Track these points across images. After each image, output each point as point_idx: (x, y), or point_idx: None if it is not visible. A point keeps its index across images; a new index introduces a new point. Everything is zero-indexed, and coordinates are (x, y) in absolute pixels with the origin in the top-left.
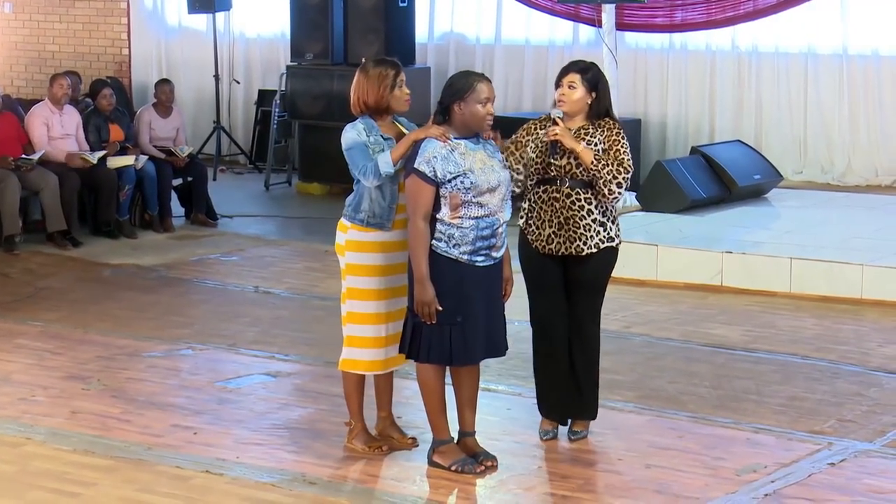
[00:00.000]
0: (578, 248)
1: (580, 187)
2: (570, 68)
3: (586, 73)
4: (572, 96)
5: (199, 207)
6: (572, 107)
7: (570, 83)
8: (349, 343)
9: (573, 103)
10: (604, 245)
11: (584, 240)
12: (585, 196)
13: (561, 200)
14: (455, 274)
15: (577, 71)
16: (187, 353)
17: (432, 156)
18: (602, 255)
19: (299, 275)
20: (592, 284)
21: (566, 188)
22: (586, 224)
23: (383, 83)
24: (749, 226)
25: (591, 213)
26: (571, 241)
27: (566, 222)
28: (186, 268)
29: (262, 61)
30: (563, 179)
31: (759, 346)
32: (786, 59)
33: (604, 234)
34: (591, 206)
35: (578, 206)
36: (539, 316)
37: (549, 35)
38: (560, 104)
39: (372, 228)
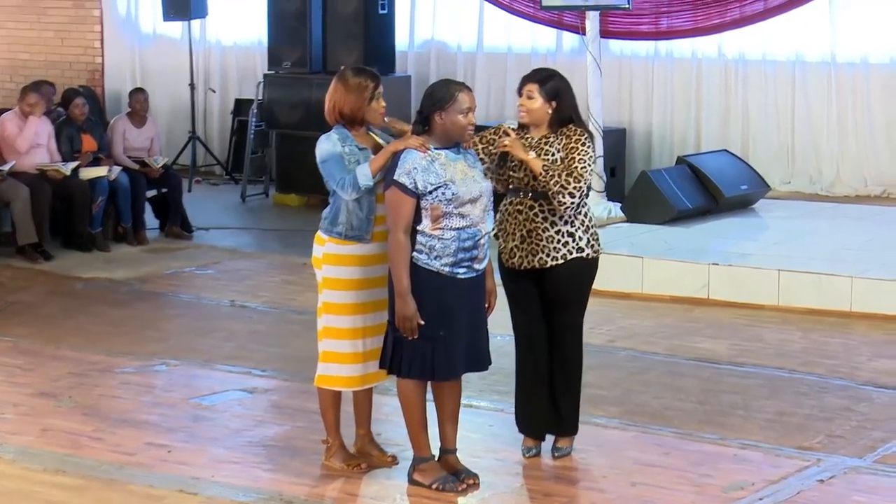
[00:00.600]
0: (542, 261)
1: (543, 198)
2: (529, 78)
3: (545, 84)
4: (530, 106)
5: (173, 219)
6: (532, 117)
7: (528, 93)
8: (325, 358)
9: (532, 113)
10: (572, 256)
11: (548, 252)
12: (549, 207)
13: (524, 213)
14: (436, 286)
15: (535, 81)
16: (161, 369)
17: (412, 167)
18: (571, 267)
19: (276, 288)
20: (565, 298)
21: (528, 199)
22: (549, 236)
23: (362, 95)
24: (736, 237)
25: (555, 224)
26: (534, 253)
27: (528, 235)
28: (161, 281)
29: (238, 70)
30: (526, 191)
31: (747, 360)
32: (773, 67)
33: (572, 245)
34: (554, 218)
35: (542, 218)
36: (519, 329)
37: (532, 42)
38: (520, 114)
39: (350, 241)
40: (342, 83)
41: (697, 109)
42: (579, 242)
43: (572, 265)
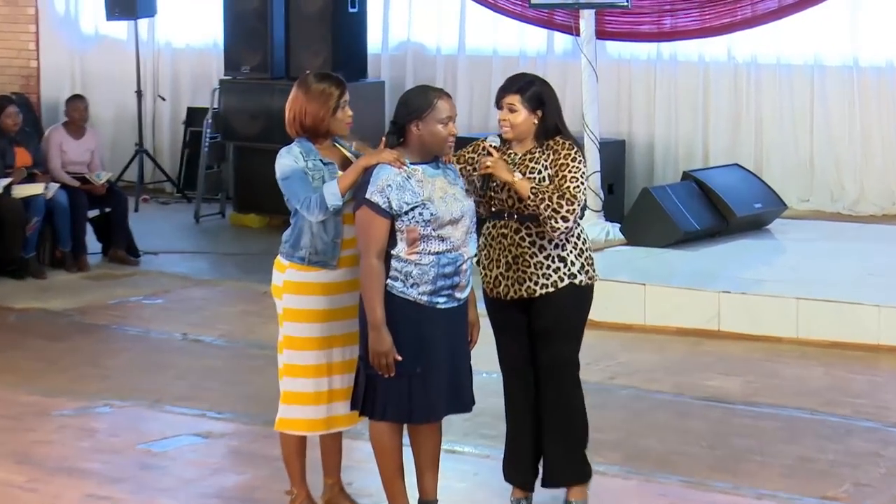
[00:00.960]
0: (529, 290)
1: (530, 220)
2: (508, 89)
3: (526, 93)
4: (514, 120)
5: (118, 243)
6: (516, 131)
7: (510, 105)
8: (286, 399)
9: (516, 127)
10: (564, 283)
11: (536, 279)
12: (537, 230)
13: (509, 237)
14: (414, 317)
15: (514, 91)
16: (104, 411)
17: (386, 184)
18: (562, 295)
19: (234, 319)
20: (556, 330)
21: (513, 223)
22: (537, 262)
23: (326, 103)
24: (749, 261)
25: (544, 248)
26: (521, 281)
27: (514, 261)
28: (104, 312)
29: (191, 75)
30: (511, 214)
31: (762, 399)
32: (789, 72)
33: (564, 271)
34: (543, 242)
35: (529, 243)
36: (506, 365)
37: (520, 44)
38: (503, 130)
39: (314, 267)
40: (303, 90)
41: (705, 119)
42: (571, 268)
43: (564, 293)
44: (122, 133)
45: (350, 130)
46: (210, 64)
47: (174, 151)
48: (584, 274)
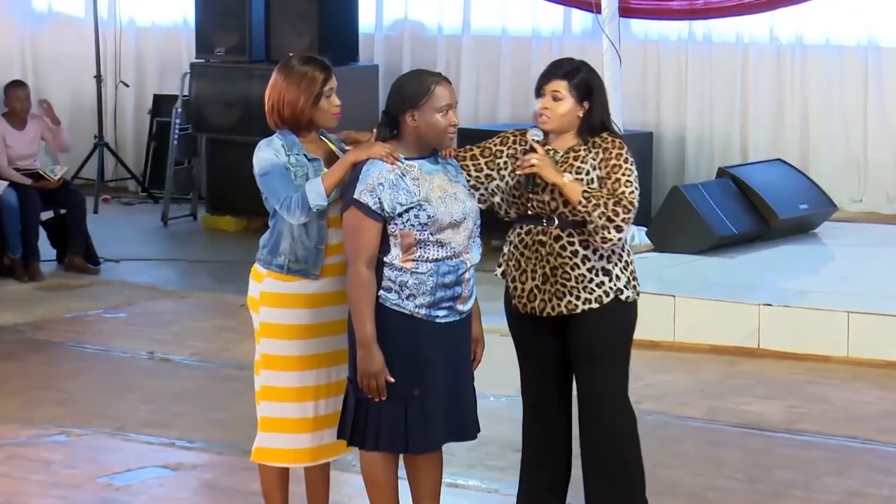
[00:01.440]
0: (571, 306)
1: (572, 227)
2: (553, 74)
3: (573, 78)
4: (558, 110)
5: (75, 248)
6: (558, 123)
7: (554, 93)
8: (265, 426)
9: (558, 119)
10: (609, 298)
11: (577, 293)
12: (581, 238)
13: (548, 245)
14: (410, 333)
15: (561, 76)
16: (61, 440)
17: (377, 182)
18: (608, 312)
19: (207, 336)
20: (599, 352)
21: (553, 229)
22: (579, 274)
23: (306, 91)
24: (793, 270)
25: (588, 259)
26: (560, 296)
27: (553, 273)
28: (59, 327)
29: (158, 58)
30: (551, 218)
31: (807, 427)
32: (839, 54)
33: (609, 285)
34: (587, 252)
35: (571, 252)
36: (529, 391)
37: (533, 23)
38: (542, 121)
39: (294, 276)
40: (284, 76)
41: (743, 108)
42: (617, 282)
43: (609, 310)
44: (79, 124)
45: (338, 122)
46: (179, 45)
47: (139, 145)
48: (631, 288)
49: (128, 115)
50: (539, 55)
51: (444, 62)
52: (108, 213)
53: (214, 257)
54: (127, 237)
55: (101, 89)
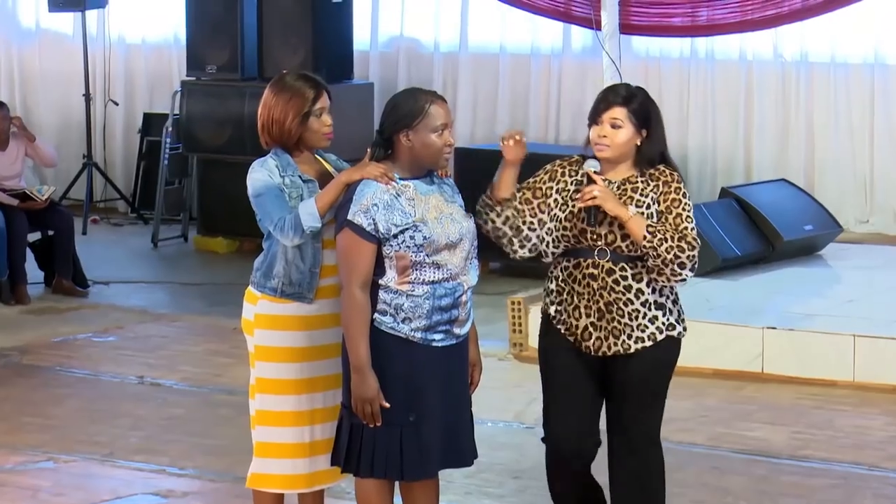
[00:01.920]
0: (625, 345)
1: (626, 261)
2: (612, 100)
3: (632, 104)
4: (617, 139)
5: (63, 271)
6: (617, 152)
7: (614, 120)
8: (261, 452)
9: (617, 147)
10: (662, 336)
11: (630, 332)
12: (634, 272)
13: (600, 279)
14: (405, 358)
15: (620, 103)
16: (48, 467)
17: (371, 203)
18: (660, 350)
19: (199, 360)
20: (647, 391)
21: (606, 262)
22: (633, 310)
23: (294, 110)
24: (798, 293)
25: (642, 293)
26: (616, 334)
27: (608, 309)
28: (47, 352)
29: (148, 75)
30: (603, 251)
31: (813, 454)
32: (845, 72)
33: (662, 321)
34: (641, 285)
35: (624, 287)
36: (558, 432)
37: (532, 40)
38: (599, 149)
39: (288, 299)
40: (274, 93)
41: (747, 127)
42: (670, 317)
43: (663, 347)
44: (67, 143)
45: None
46: (170, 62)
47: (128, 165)
48: (682, 323)
49: (117, 135)
50: (538, 73)
51: (441, 80)
52: (96, 235)
53: (206, 280)
54: (116, 259)
55: (89, 108)
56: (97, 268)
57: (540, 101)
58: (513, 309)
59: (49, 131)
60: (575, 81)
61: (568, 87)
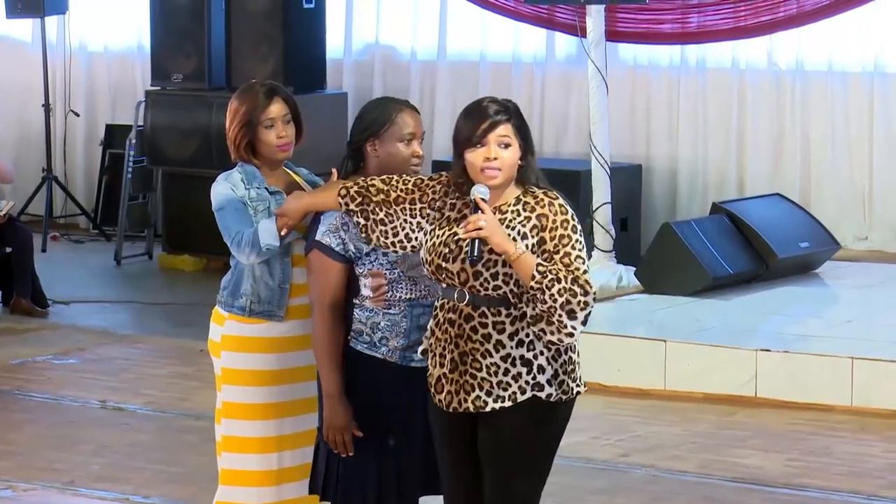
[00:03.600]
0: (480, 402)
1: (489, 305)
2: (497, 114)
3: (514, 119)
4: (508, 160)
5: (21, 290)
6: (507, 175)
7: (502, 139)
8: (227, 480)
9: (508, 170)
10: (525, 396)
11: (487, 387)
12: (495, 320)
13: (458, 324)
14: (382, 380)
15: (507, 119)
16: (6, 496)
17: (341, 223)
18: (524, 414)
19: (164, 384)
20: (507, 460)
21: (465, 306)
22: (491, 364)
23: (241, 119)
24: (793, 313)
25: (502, 346)
26: (469, 389)
27: (462, 359)
28: (4, 374)
29: (111, 85)
30: (462, 293)
31: (809, 482)
32: (843, 81)
33: (527, 378)
34: (501, 336)
35: (483, 335)
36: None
37: (514, 48)
38: (490, 175)
39: (258, 319)
40: (231, 102)
41: (740, 139)
42: (540, 375)
43: (527, 411)
44: (25, 156)
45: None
46: (133, 71)
47: (90, 179)
48: (557, 385)
49: (78, 147)
50: (520, 82)
51: (419, 89)
52: (56, 252)
53: (171, 299)
54: (77, 277)
55: (49, 119)
56: (57, 287)
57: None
58: None
59: (7, 144)
60: (559, 91)
61: (551, 98)
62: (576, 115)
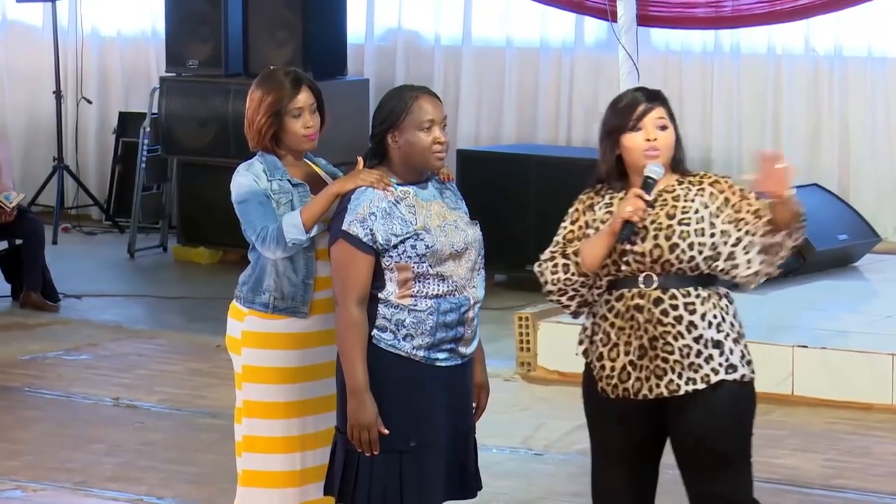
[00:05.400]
0: (673, 386)
1: (678, 286)
2: (653, 99)
3: (666, 104)
4: (666, 141)
5: (31, 283)
6: (667, 156)
7: (660, 121)
8: (247, 481)
9: (668, 151)
10: (718, 377)
11: (679, 370)
12: (686, 301)
13: (646, 310)
14: (407, 378)
15: (661, 100)
16: (15, 496)
17: (369, 212)
18: (723, 395)
19: (179, 381)
20: (716, 449)
21: (654, 290)
22: (683, 345)
23: (265, 108)
24: (832, 308)
25: (693, 327)
26: (660, 374)
27: (652, 344)
28: (14, 371)
29: (124, 72)
30: (649, 277)
31: (848, 483)
32: (882, 67)
33: (720, 360)
34: (693, 317)
35: (674, 318)
36: (603, 494)
37: (541, 33)
38: (651, 156)
39: (281, 315)
40: (253, 90)
41: (775, 127)
42: (731, 355)
43: (726, 391)
44: (36, 145)
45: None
46: (148, 57)
47: (102, 168)
48: (747, 365)
49: (90, 135)
50: (548, 68)
51: (442, 76)
52: (68, 244)
53: (186, 293)
54: (89, 270)
55: (60, 106)
56: (69, 280)
57: (550, 100)
58: (520, 325)
59: (17, 132)
60: (588, 78)
61: (580, 84)
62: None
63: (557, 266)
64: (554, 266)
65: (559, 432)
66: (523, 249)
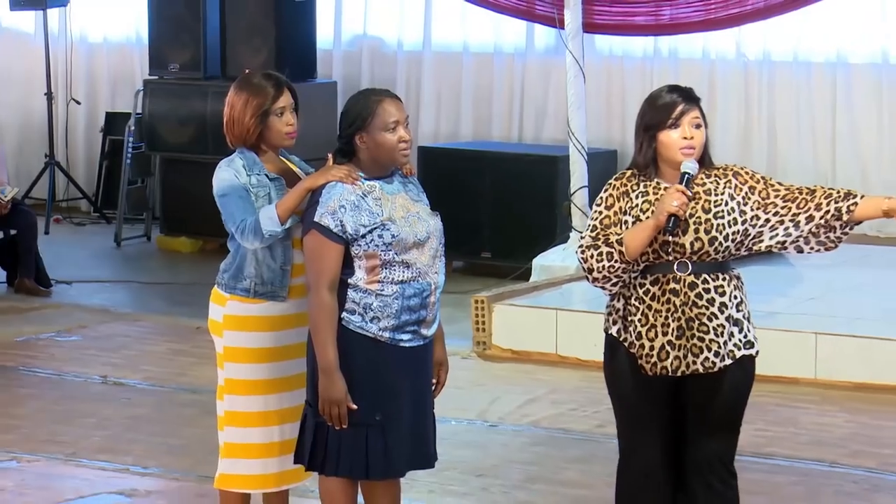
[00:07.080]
0: (708, 363)
1: (709, 272)
2: (687, 97)
3: (700, 103)
4: (700, 139)
5: (25, 270)
6: (699, 154)
7: (696, 120)
8: (229, 453)
9: (701, 148)
10: (741, 353)
11: (715, 348)
12: (716, 284)
13: (682, 293)
14: (373, 357)
15: (696, 103)
16: (11, 467)
17: (339, 205)
18: (739, 370)
19: (162, 360)
20: (729, 415)
21: (688, 276)
22: (717, 325)
23: (252, 108)
24: (760, 291)
25: (725, 308)
26: (697, 352)
27: (689, 325)
28: (9, 351)
29: (110, 74)
30: (684, 264)
31: (776, 451)
32: (807, 70)
33: (739, 337)
34: (723, 299)
35: (707, 300)
36: (642, 465)
37: (495, 39)
38: (687, 153)
39: (261, 299)
40: (236, 92)
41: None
42: (748, 333)
43: (741, 366)
44: (29, 142)
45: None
46: (132, 61)
47: (90, 164)
48: (756, 341)
49: (79, 134)
50: (502, 72)
51: (405, 79)
52: (59, 234)
53: (169, 279)
54: (79, 258)
55: (51, 107)
56: (60, 267)
57: (503, 100)
58: (476, 308)
59: (10, 130)
60: (538, 80)
61: (531, 86)
62: (554, 103)
63: (602, 254)
64: (599, 254)
65: (512, 406)
66: (479, 238)
